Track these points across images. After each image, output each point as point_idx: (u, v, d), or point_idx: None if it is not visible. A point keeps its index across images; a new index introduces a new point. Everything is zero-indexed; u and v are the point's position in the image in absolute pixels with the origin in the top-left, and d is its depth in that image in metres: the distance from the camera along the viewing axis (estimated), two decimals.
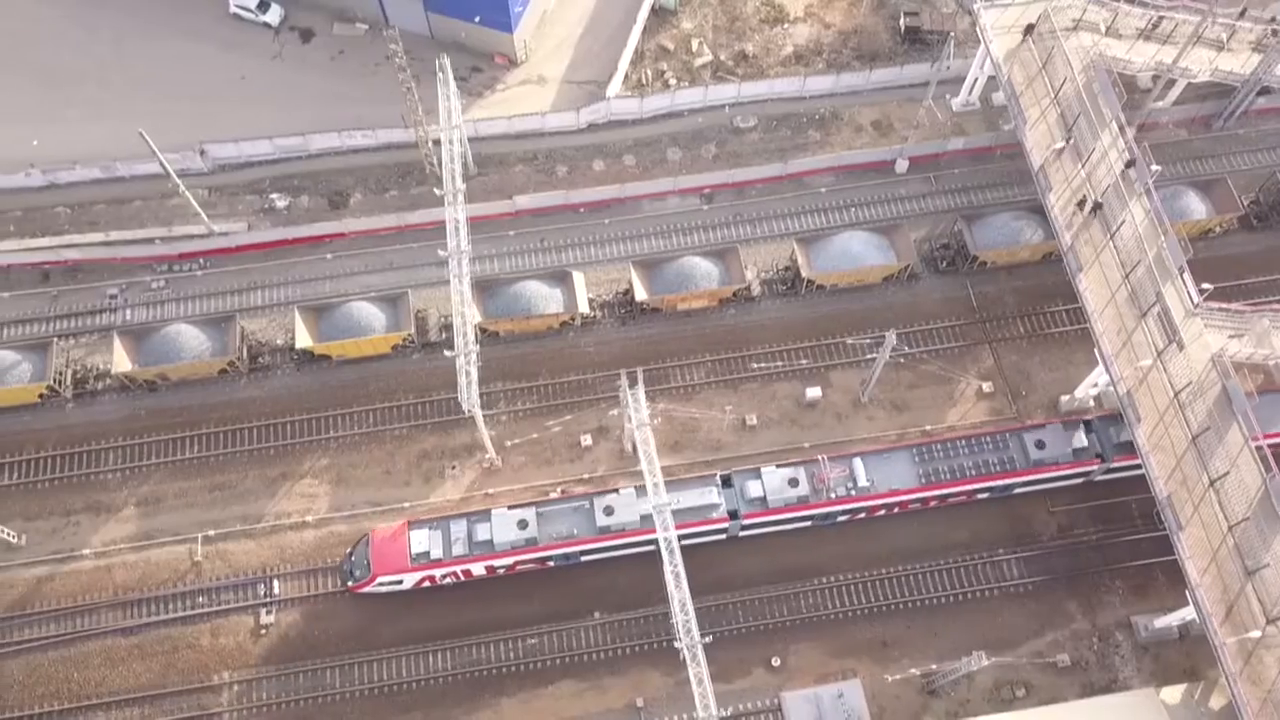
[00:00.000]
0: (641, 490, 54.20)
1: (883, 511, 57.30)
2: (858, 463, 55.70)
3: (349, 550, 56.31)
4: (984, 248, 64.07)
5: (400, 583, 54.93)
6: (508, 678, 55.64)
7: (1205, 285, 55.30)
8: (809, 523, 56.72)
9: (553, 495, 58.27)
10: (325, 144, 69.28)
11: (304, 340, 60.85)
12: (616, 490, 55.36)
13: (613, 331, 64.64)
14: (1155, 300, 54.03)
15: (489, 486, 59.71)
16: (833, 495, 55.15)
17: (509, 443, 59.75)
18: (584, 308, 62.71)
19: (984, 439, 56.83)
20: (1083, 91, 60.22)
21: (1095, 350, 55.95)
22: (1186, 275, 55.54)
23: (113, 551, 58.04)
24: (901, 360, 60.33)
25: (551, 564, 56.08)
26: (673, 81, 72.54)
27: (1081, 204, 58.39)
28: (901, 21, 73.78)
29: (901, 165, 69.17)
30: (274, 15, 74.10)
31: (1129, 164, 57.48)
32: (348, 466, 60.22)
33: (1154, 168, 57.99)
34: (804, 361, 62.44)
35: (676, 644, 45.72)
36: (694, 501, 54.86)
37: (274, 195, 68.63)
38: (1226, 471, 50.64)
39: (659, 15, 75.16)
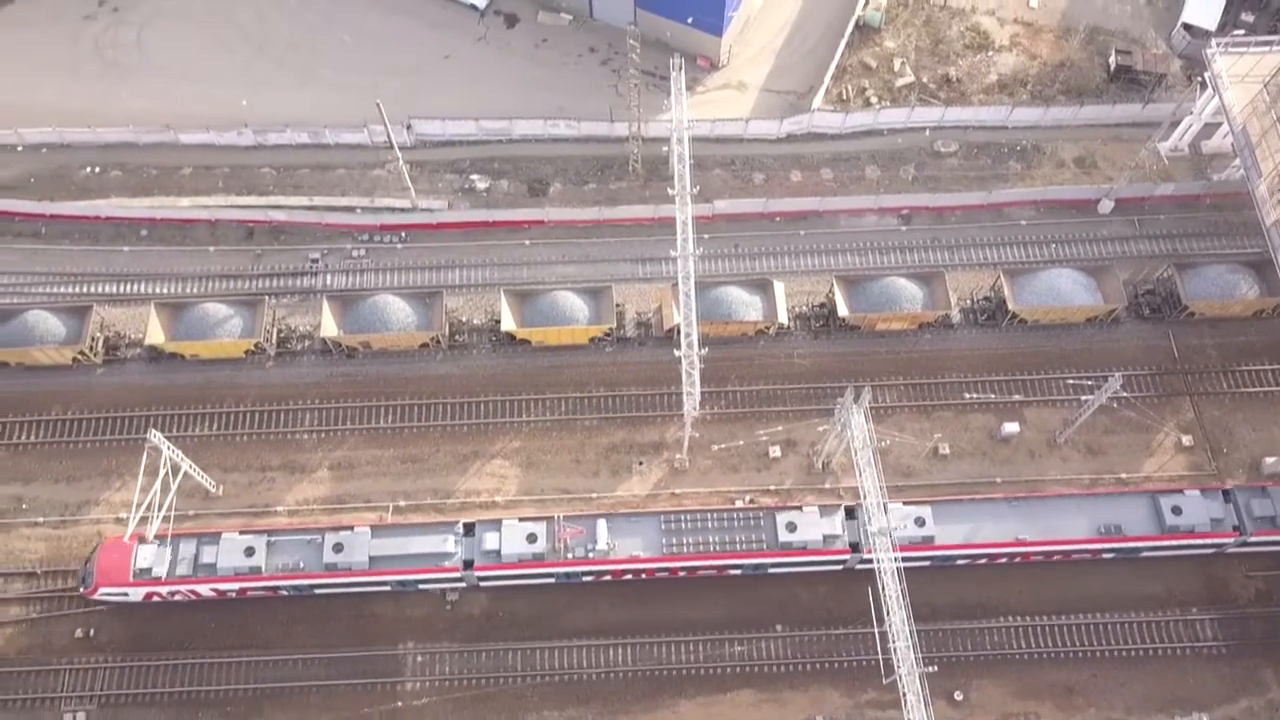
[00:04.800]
0: (377, 531, 54.01)
1: (629, 576, 55.77)
2: (601, 525, 54.30)
3: (88, 555, 55.61)
4: (1195, 298, 62.63)
5: (126, 595, 54.23)
6: (687, 680, 55.58)
7: None
8: (551, 579, 55.39)
9: (739, 504, 58.14)
10: (529, 130, 69.83)
11: (508, 323, 61.35)
12: (351, 528, 54.46)
13: (804, 344, 64.29)
14: None
15: (675, 486, 59.72)
16: (570, 555, 53.92)
17: (715, 446, 59.66)
18: (783, 318, 62.45)
19: (735, 515, 54.84)
20: None
21: None
22: None
23: (305, 511, 59.00)
24: (1115, 405, 59.13)
25: (285, 593, 55.49)
26: (874, 99, 72.04)
27: None
28: (1113, 59, 72.50)
29: (1106, 205, 67.92)
30: None
31: None
32: (538, 451, 60.59)
33: None
34: (1017, 396, 61.47)
35: (901, 671, 45.16)
36: (429, 548, 53.91)
37: (474, 176, 69.33)
38: None
39: (862, 32, 74.69)
